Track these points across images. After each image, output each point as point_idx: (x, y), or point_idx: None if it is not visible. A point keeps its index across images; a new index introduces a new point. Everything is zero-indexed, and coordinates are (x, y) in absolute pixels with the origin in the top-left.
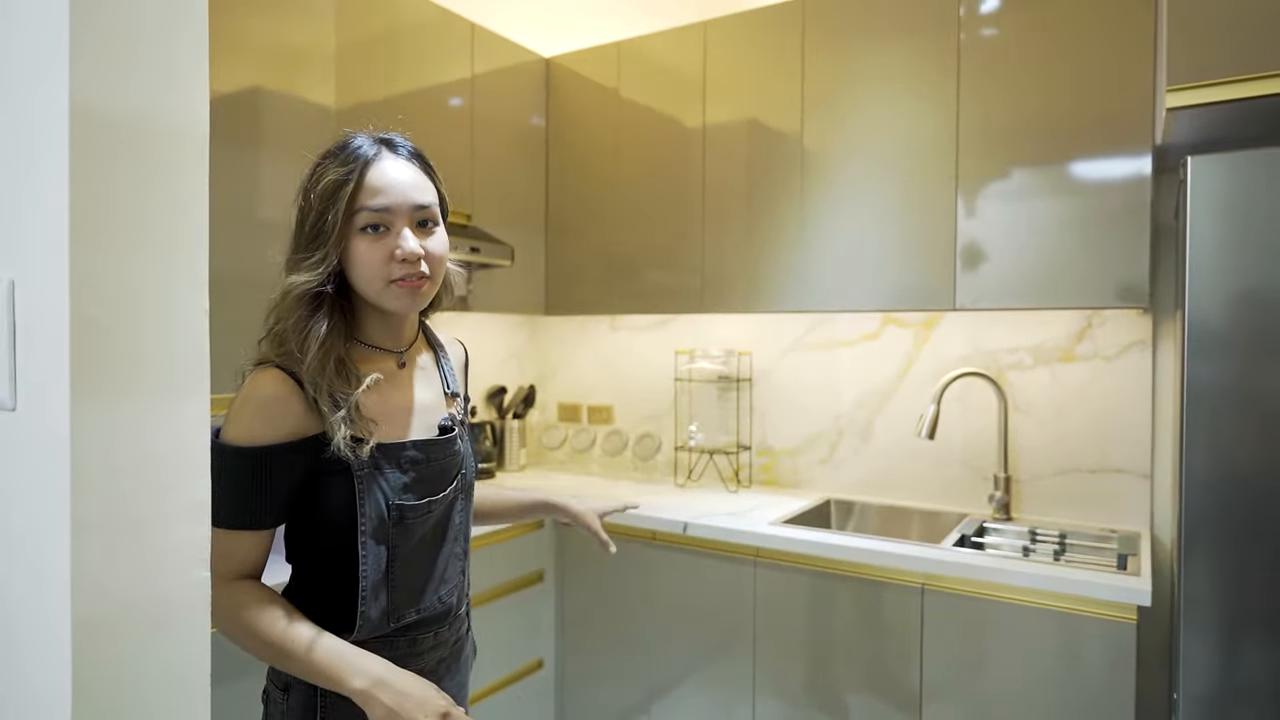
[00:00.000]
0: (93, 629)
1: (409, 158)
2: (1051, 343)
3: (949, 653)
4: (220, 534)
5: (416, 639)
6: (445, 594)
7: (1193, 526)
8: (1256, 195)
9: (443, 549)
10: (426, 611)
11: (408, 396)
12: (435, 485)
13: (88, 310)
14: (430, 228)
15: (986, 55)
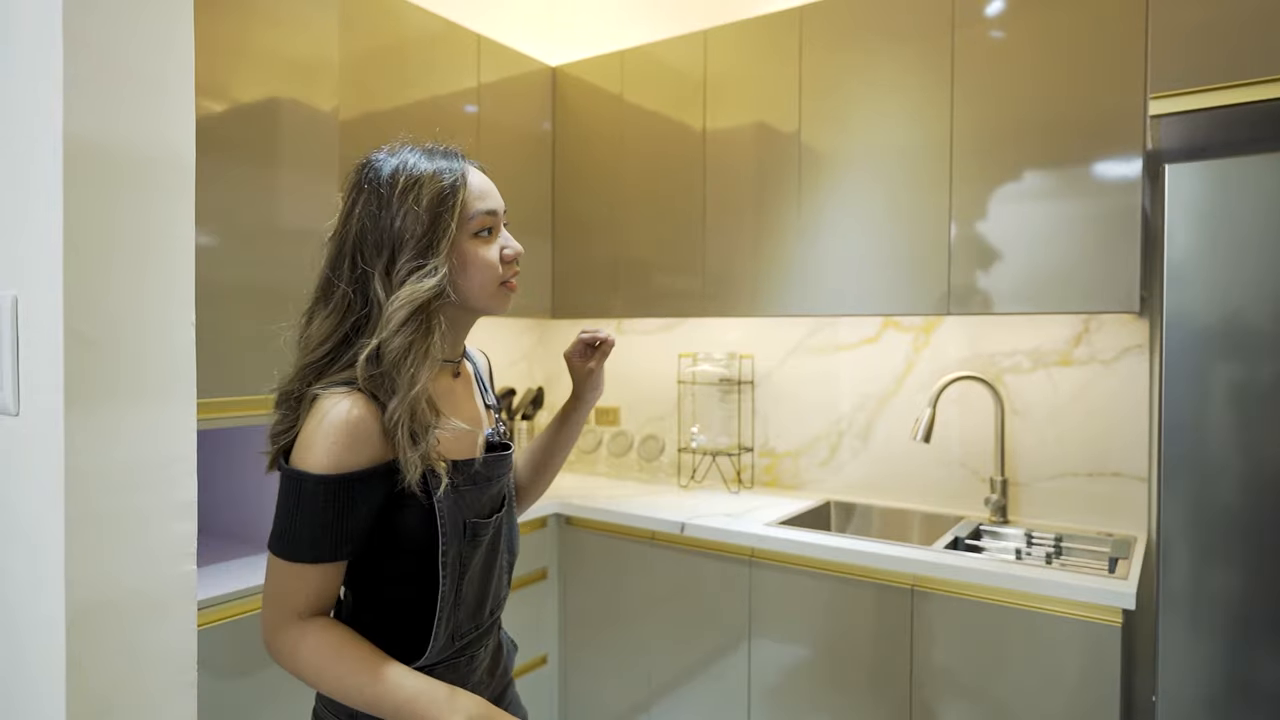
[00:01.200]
0: (85, 617)
1: (479, 167)
2: (1049, 346)
3: (938, 653)
4: (290, 569)
5: (474, 655)
6: (494, 607)
7: (1170, 529)
8: (1232, 202)
9: (496, 564)
10: (482, 627)
11: (466, 408)
12: (497, 501)
13: (80, 325)
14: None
15: (980, 61)
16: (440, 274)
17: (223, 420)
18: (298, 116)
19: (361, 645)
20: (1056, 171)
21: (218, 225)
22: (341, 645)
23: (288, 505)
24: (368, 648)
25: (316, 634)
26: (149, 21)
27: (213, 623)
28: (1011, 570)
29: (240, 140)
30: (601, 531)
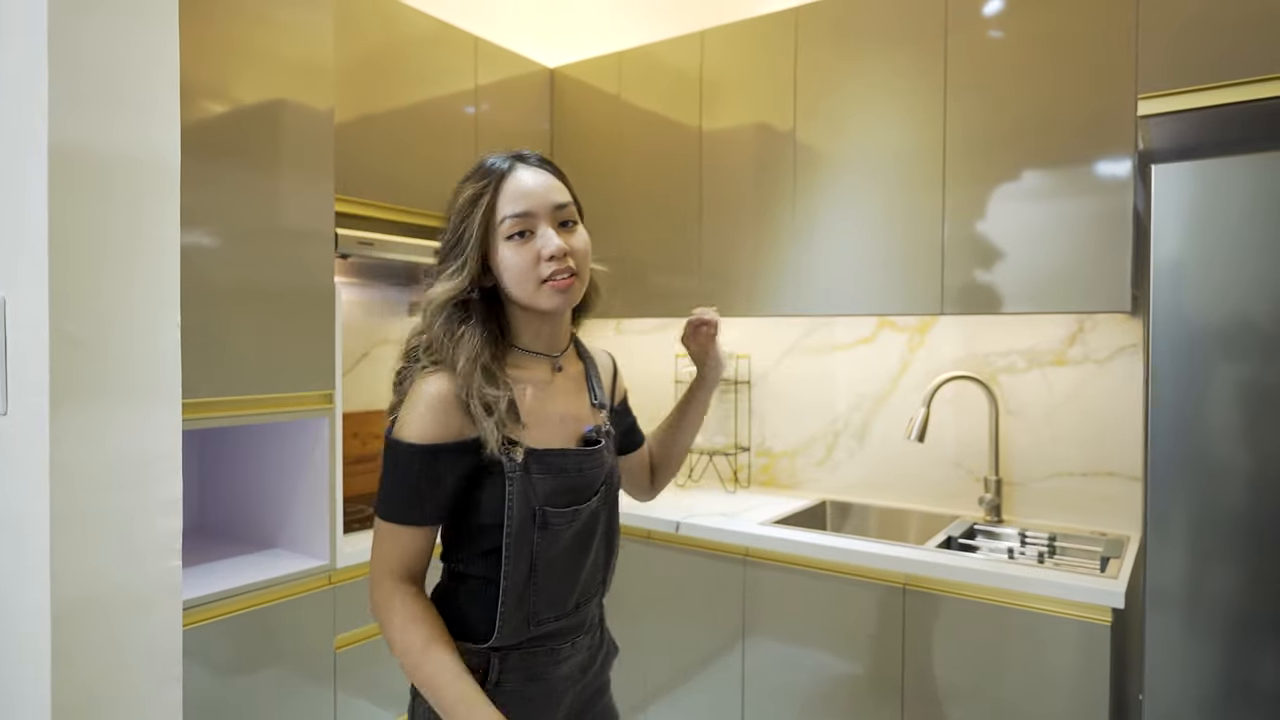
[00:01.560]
0: (71, 611)
1: (540, 164)
2: (1044, 346)
3: (930, 652)
4: (387, 528)
5: (556, 649)
6: (581, 600)
7: (1158, 528)
8: (1219, 202)
9: (586, 558)
10: (567, 620)
11: (559, 404)
12: (580, 494)
13: (66, 326)
14: (571, 227)
15: (973, 63)
16: (464, 275)
17: (221, 420)
18: (294, 118)
19: (431, 627)
20: (1049, 172)
21: (214, 226)
22: (413, 620)
23: (386, 470)
24: (431, 629)
25: (401, 602)
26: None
27: (212, 618)
28: (1002, 569)
29: (236, 142)
30: None
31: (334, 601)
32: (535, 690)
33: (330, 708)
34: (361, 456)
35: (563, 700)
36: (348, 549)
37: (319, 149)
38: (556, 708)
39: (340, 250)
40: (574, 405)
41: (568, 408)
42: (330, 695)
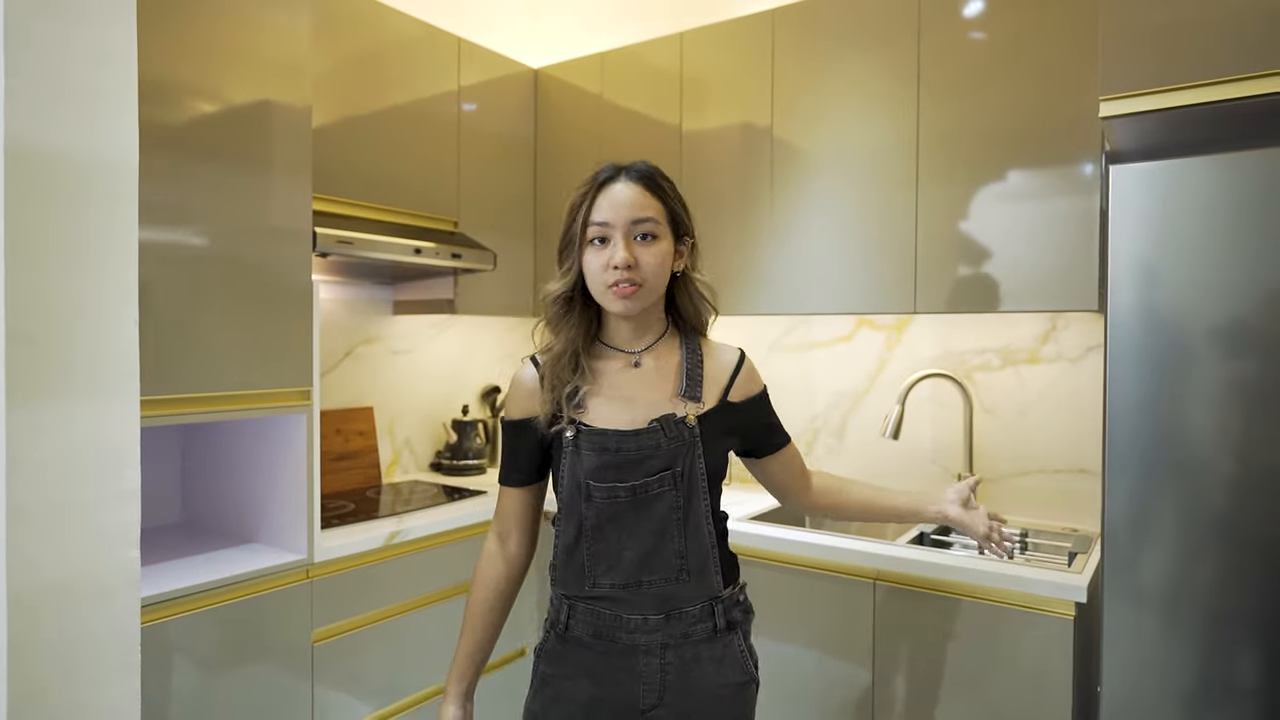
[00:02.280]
0: (27, 600)
1: (636, 179)
2: (1018, 344)
3: (899, 645)
4: (499, 489)
5: (622, 617)
6: (650, 580)
7: (1113, 525)
8: (1176, 203)
9: (647, 536)
10: (629, 592)
11: (630, 391)
12: (627, 472)
13: (21, 324)
14: (649, 241)
15: (946, 66)
16: (570, 275)
17: (200, 415)
18: (271, 117)
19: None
20: (1019, 173)
21: (191, 223)
22: (476, 575)
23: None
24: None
25: (482, 556)
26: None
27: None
28: (968, 564)
29: (214, 140)
30: None
31: (311, 595)
32: (607, 647)
33: (308, 700)
34: (344, 453)
35: (644, 673)
36: (326, 544)
37: (297, 148)
38: (635, 677)
39: (320, 249)
40: (652, 393)
41: (642, 395)
42: (308, 688)
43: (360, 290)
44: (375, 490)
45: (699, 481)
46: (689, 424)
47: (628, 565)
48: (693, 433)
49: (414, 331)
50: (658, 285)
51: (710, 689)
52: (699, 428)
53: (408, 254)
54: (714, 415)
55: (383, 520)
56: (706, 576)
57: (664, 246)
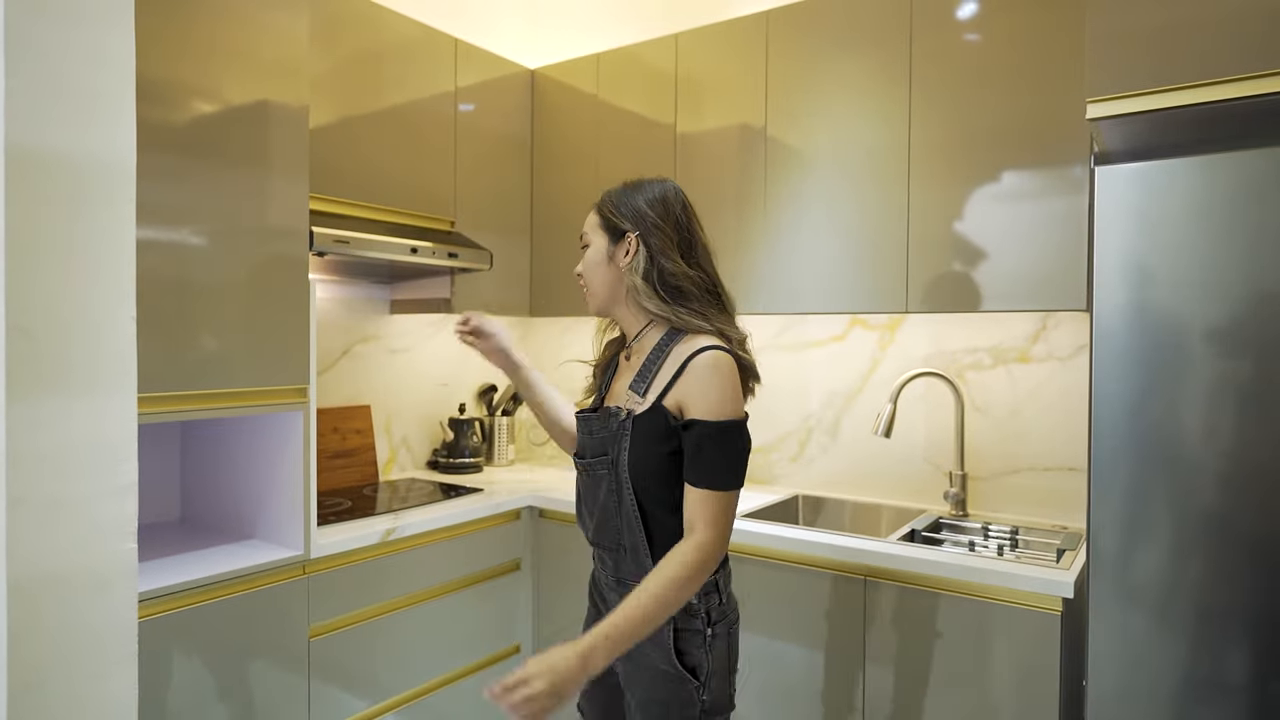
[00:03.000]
0: (25, 593)
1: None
2: (1009, 344)
3: (889, 641)
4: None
5: (596, 573)
6: (605, 543)
7: (1099, 522)
8: (1161, 204)
9: (596, 507)
10: (594, 549)
11: (616, 382)
12: (582, 450)
13: (20, 320)
14: (584, 250)
15: (937, 67)
16: None
17: (197, 413)
18: (269, 117)
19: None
20: (1010, 174)
21: (189, 222)
22: None
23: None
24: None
25: None
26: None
27: (187, 606)
28: (958, 561)
29: (213, 140)
30: (574, 524)
31: (308, 591)
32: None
33: (304, 695)
34: (341, 451)
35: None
36: (322, 540)
37: (294, 147)
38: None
39: (317, 248)
40: (622, 384)
41: (620, 385)
42: (304, 683)
43: (357, 289)
44: (372, 488)
45: (624, 473)
46: (620, 417)
47: (594, 527)
48: (622, 426)
49: (411, 330)
50: (593, 283)
51: (643, 664)
52: (630, 424)
53: (404, 253)
54: (646, 415)
55: (379, 517)
56: (639, 556)
57: (591, 252)
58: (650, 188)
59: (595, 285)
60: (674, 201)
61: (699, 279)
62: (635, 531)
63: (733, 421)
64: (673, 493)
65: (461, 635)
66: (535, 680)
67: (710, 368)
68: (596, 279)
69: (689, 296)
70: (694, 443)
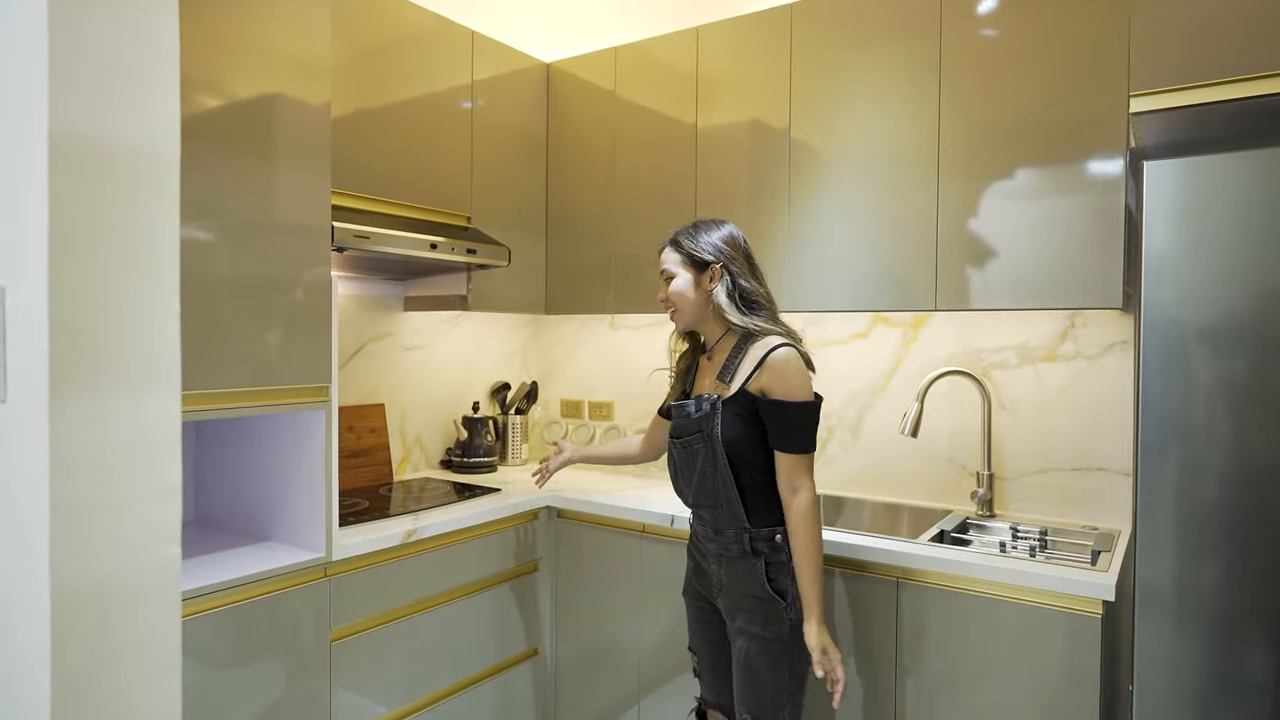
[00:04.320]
0: (69, 599)
1: (668, 243)
2: (1036, 342)
3: (923, 644)
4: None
5: (698, 528)
6: (704, 504)
7: (1146, 522)
8: (1210, 199)
9: (691, 476)
10: (694, 510)
11: (700, 379)
12: (679, 431)
13: (64, 315)
14: (669, 280)
15: (967, 60)
16: None
17: (216, 412)
18: (291, 112)
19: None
20: (1043, 169)
21: (210, 219)
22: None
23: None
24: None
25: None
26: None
27: (207, 610)
28: (994, 562)
29: (234, 135)
30: (593, 524)
31: (329, 594)
32: (694, 546)
33: (326, 700)
34: (356, 450)
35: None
36: (343, 542)
37: (316, 143)
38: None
39: (336, 243)
40: (709, 378)
41: (705, 381)
42: (326, 688)
43: (371, 286)
44: (387, 487)
45: (718, 444)
46: (711, 401)
47: (693, 493)
48: (714, 406)
49: (425, 328)
50: (686, 307)
51: (742, 593)
52: (720, 405)
53: (424, 249)
54: (734, 399)
55: (400, 518)
56: (734, 510)
57: (679, 282)
58: (720, 227)
59: (685, 307)
60: (739, 235)
61: (765, 293)
62: (730, 487)
63: (807, 402)
64: (754, 455)
65: (481, 638)
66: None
67: (785, 360)
68: (685, 303)
69: (760, 307)
70: (780, 419)
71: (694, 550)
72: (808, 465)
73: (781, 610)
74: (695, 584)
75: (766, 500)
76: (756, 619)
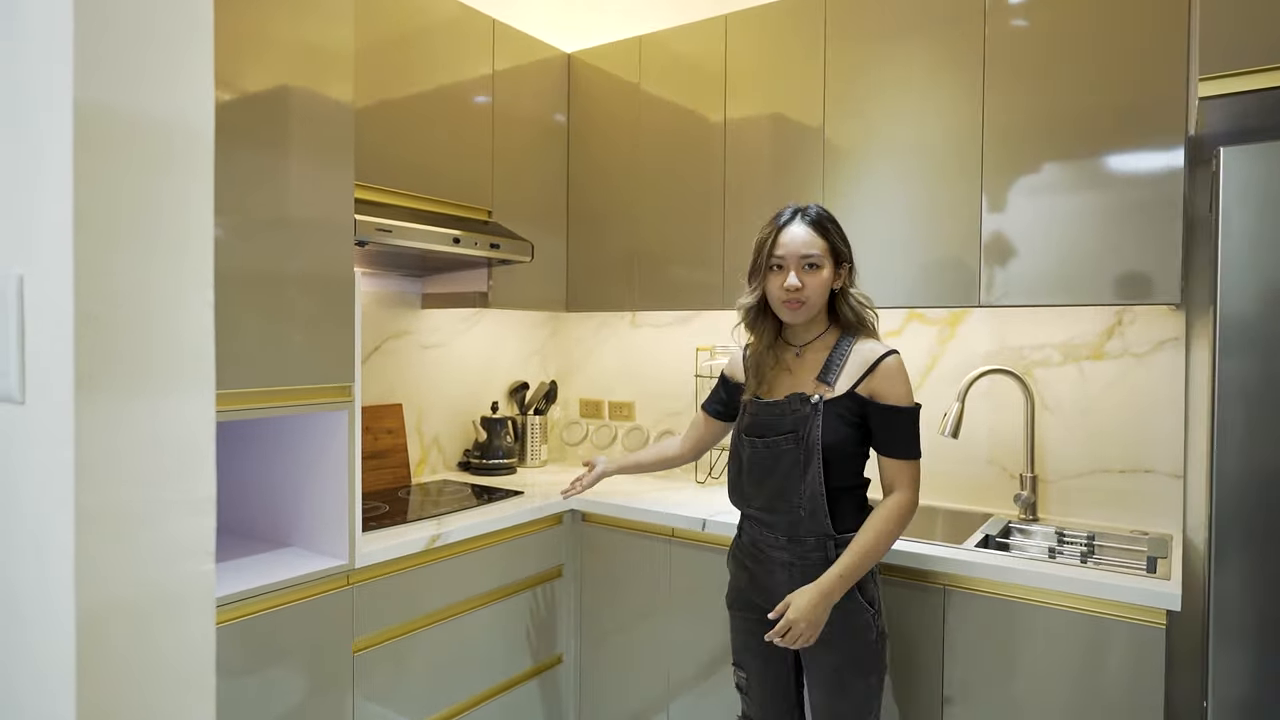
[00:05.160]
0: (96, 617)
1: (809, 222)
2: (1080, 339)
3: (972, 654)
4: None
5: (763, 533)
6: (779, 509)
7: (1224, 529)
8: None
9: (773, 478)
10: (765, 515)
11: (787, 374)
12: (762, 430)
13: (90, 306)
14: (813, 270)
15: (1013, 47)
16: (754, 293)
17: (234, 413)
18: (313, 105)
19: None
20: (1094, 160)
21: (229, 214)
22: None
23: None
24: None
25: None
26: None
27: (225, 622)
28: (1048, 569)
29: (254, 128)
30: (619, 528)
31: (352, 603)
32: (757, 553)
33: (348, 713)
34: (374, 452)
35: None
36: (366, 548)
37: (338, 136)
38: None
39: (358, 237)
40: (803, 376)
41: (797, 377)
42: (348, 701)
43: (389, 282)
44: (406, 490)
45: (815, 447)
46: (812, 402)
47: (766, 496)
48: (815, 409)
49: (443, 326)
50: (818, 301)
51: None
52: (821, 406)
53: (446, 243)
54: (839, 400)
55: (422, 523)
56: (818, 517)
57: (825, 274)
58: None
59: (818, 301)
60: None
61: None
62: (818, 496)
63: (918, 406)
64: (850, 461)
65: (503, 647)
66: (800, 624)
67: (900, 367)
68: (821, 297)
69: (866, 310)
70: (892, 423)
71: (747, 559)
72: (915, 472)
73: (870, 618)
74: (751, 595)
75: (852, 506)
76: (845, 630)
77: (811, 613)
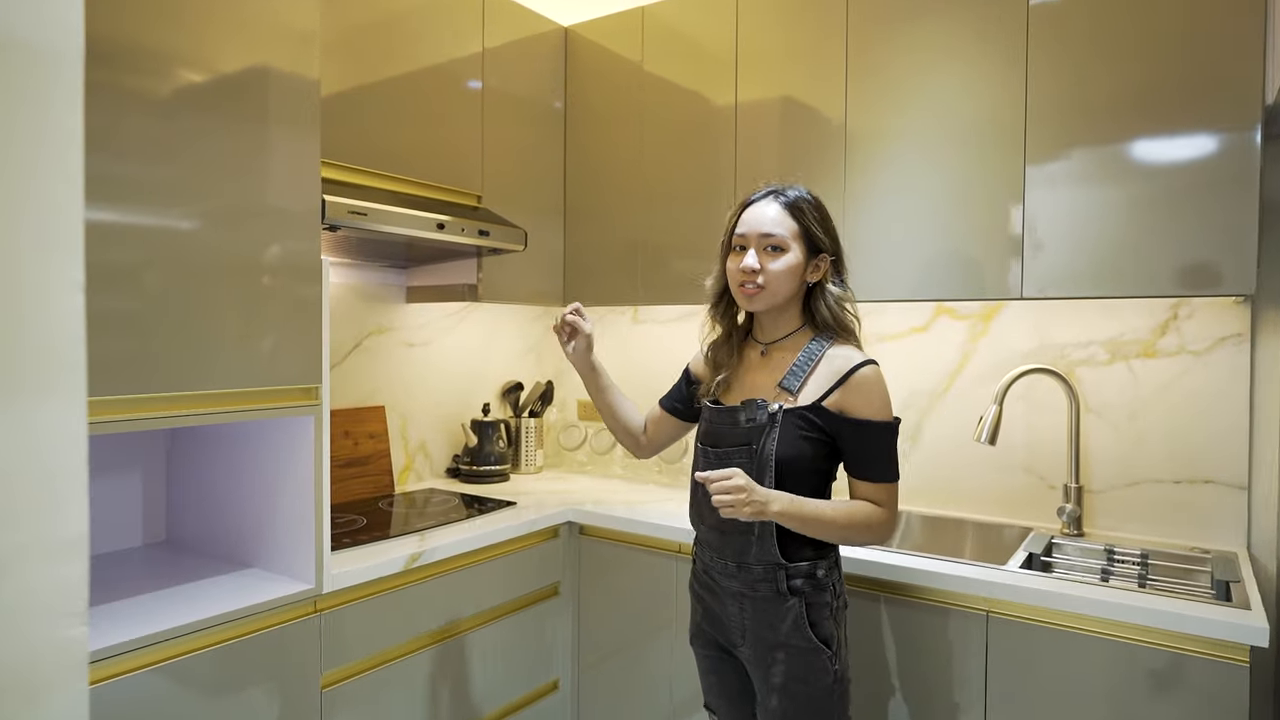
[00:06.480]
0: None
1: (782, 202)
2: (1130, 335)
3: (1017, 689)
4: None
5: (714, 559)
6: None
7: None
8: None
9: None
10: (709, 539)
11: (753, 375)
12: (716, 439)
13: None
14: (775, 253)
15: (1061, 19)
16: (715, 275)
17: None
18: (276, 83)
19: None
20: (1153, 137)
21: (182, 200)
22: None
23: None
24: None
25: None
26: None
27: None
28: (1110, 596)
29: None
30: (621, 543)
31: (320, 632)
32: (708, 583)
33: None
34: (353, 459)
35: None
36: (337, 570)
37: (303, 114)
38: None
39: (328, 221)
40: (762, 380)
41: (757, 380)
42: None
43: (369, 274)
44: (388, 501)
45: (769, 461)
46: (770, 411)
47: (718, 516)
48: (772, 418)
49: (430, 321)
50: (780, 290)
51: (773, 642)
52: (780, 417)
53: (429, 229)
54: (801, 412)
55: (401, 539)
56: (766, 543)
57: (790, 260)
58: (824, 206)
59: (779, 289)
60: None
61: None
62: None
63: (897, 421)
64: (808, 480)
65: (494, 673)
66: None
67: (877, 380)
68: (784, 285)
69: (846, 313)
70: (865, 440)
71: (702, 589)
72: (893, 496)
73: (826, 661)
74: (706, 629)
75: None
76: (795, 672)
77: (754, 490)
